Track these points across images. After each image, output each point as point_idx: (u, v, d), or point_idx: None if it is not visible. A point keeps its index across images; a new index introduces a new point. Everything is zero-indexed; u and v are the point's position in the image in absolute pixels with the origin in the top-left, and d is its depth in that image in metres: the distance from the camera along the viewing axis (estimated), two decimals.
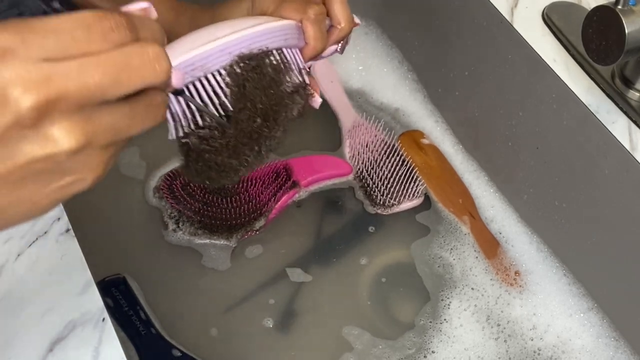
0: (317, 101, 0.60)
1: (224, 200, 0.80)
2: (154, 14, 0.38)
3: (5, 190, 0.34)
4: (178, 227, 0.81)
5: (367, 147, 0.89)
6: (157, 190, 0.83)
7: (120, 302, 0.75)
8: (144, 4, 0.37)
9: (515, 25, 0.79)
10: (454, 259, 0.84)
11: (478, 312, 0.80)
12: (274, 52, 0.55)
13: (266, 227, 0.83)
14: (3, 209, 0.35)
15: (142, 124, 0.36)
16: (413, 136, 0.93)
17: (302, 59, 0.58)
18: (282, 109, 0.58)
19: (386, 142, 0.90)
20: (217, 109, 0.53)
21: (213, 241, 0.82)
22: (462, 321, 0.79)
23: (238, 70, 0.53)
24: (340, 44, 0.63)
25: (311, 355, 0.77)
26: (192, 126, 0.53)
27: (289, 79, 0.56)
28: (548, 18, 0.80)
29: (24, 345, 0.53)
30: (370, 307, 0.80)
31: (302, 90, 0.57)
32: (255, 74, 0.53)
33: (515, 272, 0.83)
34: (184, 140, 0.55)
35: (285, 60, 0.56)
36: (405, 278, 0.82)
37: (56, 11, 0.34)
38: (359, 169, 0.88)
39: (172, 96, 0.51)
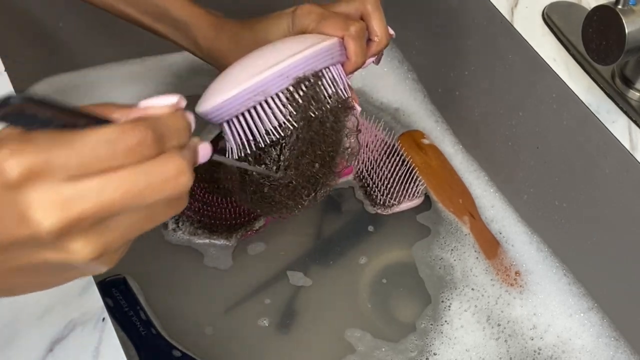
0: (357, 109, 0.63)
1: (224, 199, 0.80)
2: (183, 103, 0.37)
3: (16, 277, 0.36)
4: (178, 226, 0.81)
5: (367, 147, 0.89)
6: None
7: (121, 302, 0.75)
8: (173, 99, 0.37)
9: (516, 25, 0.79)
10: (454, 260, 0.84)
11: (478, 313, 0.80)
12: (324, 71, 0.58)
13: (266, 227, 0.83)
14: (12, 289, 0.38)
15: (160, 221, 0.37)
16: (413, 136, 0.93)
17: (344, 74, 0.61)
18: (338, 141, 0.62)
19: (386, 142, 0.90)
20: (276, 131, 0.57)
21: (213, 241, 0.82)
22: (463, 322, 0.79)
23: (297, 97, 0.56)
24: (377, 56, 0.66)
25: (313, 356, 0.77)
26: (253, 148, 0.57)
27: (340, 105, 0.60)
28: (548, 18, 0.80)
29: (24, 345, 0.53)
30: (371, 309, 0.80)
31: (347, 104, 0.61)
32: (314, 103, 0.58)
33: (516, 272, 0.83)
34: (241, 162, 0.58)
35: (333, 79, 0.59)
36: (406, 279, 0.82)
37: (83, 124, 0.34)
38: (359, 168, 0.88)
39: (238, 115, 0.56)
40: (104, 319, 0.55)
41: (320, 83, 0.58)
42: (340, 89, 0.60)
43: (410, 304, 0.81)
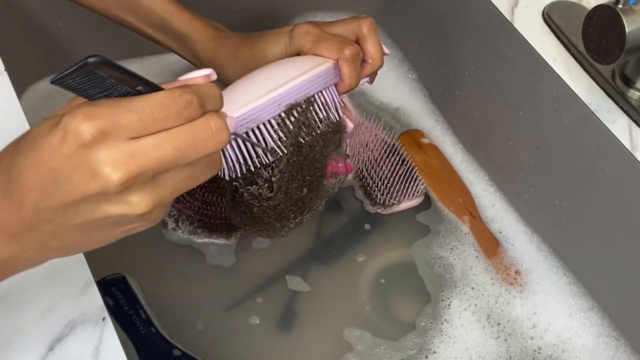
0: (349, 127, 0.65)
1: (224, 199, 0.80)
2: (214, 76, 0.43)
3: (79, 233, 0.41)
4: (177, 225, 0.81)
5: (367, 146, 0.89)
6: None
7: (120, 301, 0.75)
8: (207, 71, 0.43)
9: (516, 25, 0.79)
10: (454, 259, 0.84)
11: (478, 312, 0.80)
12: (317, 95, 0.60)
13: None
14: (74, 245, 0.43)
15: (200, 180, 0.42)
16: (413, 135, 0.93)
17: (337, 94, 0.62)
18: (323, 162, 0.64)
19: (386, 142, 0.90)
20: (266, 155, 0.58)
21: (212, 240, 0.82)
22: (463, 321, 0.79)
23: (289, 123, 0.58)
24: (370, 77, 0.68)
25: (313, 355, 0.77)
26: (243, 170, 0.59)
27: (330, 128, 0.62)
28: (548, 17, 0.80)
29: (24, 344, 0.53)
30: (371, 307, 0.80)
31: (338, 127, 0.63)
32: (304, 128, 0.59)
33: (516, 272, 0.83)
34: (234, 184, 0.61)
35: (325, 103, 0.61)
36: (406, 278, 0.82)
37: (140, 92, 0.39)
38: (358, 168, 0.88)
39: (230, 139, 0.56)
40: (104, 318, 0.55)
41: (311, 108, 0.60)
42: (332, 113, 0.62)
43: (410, 302, 0.81)
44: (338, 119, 0.62)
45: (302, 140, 0.59)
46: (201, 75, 0.43)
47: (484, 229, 0.86)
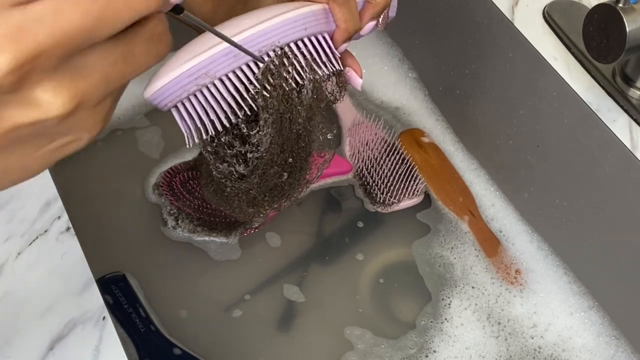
0: (357, 82, 0.55)
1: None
2: None
3: None
4: (177, 224, 0.81)
5: (367, 145, 0.89)
6: (157, 187, 0.83)
7: (120, 299, 0.75)
8: None
9: (516, 24, 0.79)
10: (454, 258, 0.84)
11: (479, 311, 0.80)
12: (293, 46, 0.49)
13: (265, 225, 0.83)
14: None
15: (142, 64, 0.31)
16: (413, 134, 0.93)
17: (332, 44, 0.52)
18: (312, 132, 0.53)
19: (386, 141, 0.90)
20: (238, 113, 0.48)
21: (212, 238, 0.82)
22: (463, 320, 0.79)
23: (256, 81, 0.47)
24: (379, 20, 0.56)
25: (314, 354, 0.77)
26: (210, 134, 0.49)
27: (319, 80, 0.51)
28: (549, 16, 0.80)
29: (24, 343, 0.53)
30: (371, 306, 0.80)
31: (337, 78, 0.53)
32: (277, 89, 0.48)
33: (516, 271, 0.83)
34: (204, 152, 0.51)
35: (312, 56, 0.50)
36: (406, 277, 0.82)
37: None
38: (359, 167, 0.88)
39: (184, 100, 0.47)
40: (104, 317, 0.55)
41: (286, 63, 0.48)
42: (325, 68, 0.51)
43: (410, 301, 0.81)
44: (332, 70, 0.51)
45: (277, 105, 0.48)
46: None
47: (484, 228, 0.86)
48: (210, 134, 0.48)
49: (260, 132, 0.49)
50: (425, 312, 0.80)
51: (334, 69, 0.52)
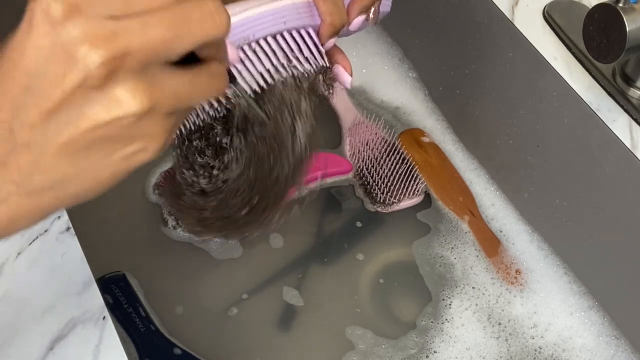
0: (346, 79, 0.52)
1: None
2: None
3: (67, 160, 0.33)
4: (178, 224, 0.81)
5: (367, 145, 0.89)
6: (157, 187, 0.83)
7: (120, 299, 0.75)
8: None
9: (516, 24, 0.79)
10: (454, 258, 0.84)
11: (479, 311, 0.80)
12: (273, 41, 0.47)
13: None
14: (63, 182, 0.34)
15: (203, 93, 0.35)
16: (413, 134, 0.93)
17: (317, 40, 0.49)
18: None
19: (386, 140, 0.90)
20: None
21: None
22: (464, 320, 0.79)
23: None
24: (369, 14, 0.53)
25: (315, 354, 0.77)
26: (184, 132, 0.47)
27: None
28: (549, 16, 0.80)
29: (24, 343, 0.53)
30: (372, 306, 0.80)
31: (324, 75, 0.50)
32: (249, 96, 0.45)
33: (516, 271, 0.83)
34: (172, 153, 0.50)
35: (291, 48, 0.47)
36: (407, 277, 0.82)
37: None
38: (359, 167, 0.88)
39: None
40: (104, 317, 0.55)
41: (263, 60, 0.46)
42: (307, 65, 0.48)
43: (410, 302, 0.81)
44: (322, 65, 0.49)
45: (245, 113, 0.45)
46: None
47: (485, 227, 0.86)
48: (184, 132, 0.47)
49: (231, 156, 0.47)
50: (426, 313, 0.80)
51: (319, 66, 0.49)
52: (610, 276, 0.79)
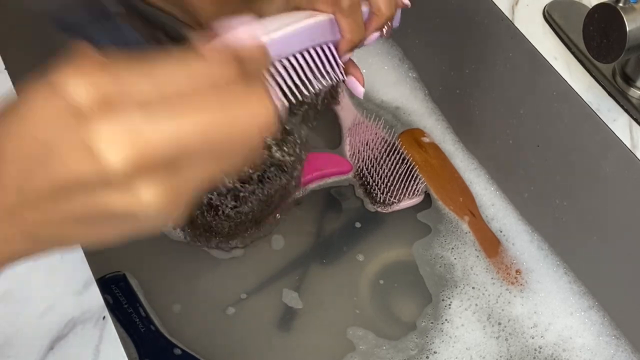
0: (359, 91, 0.55)
1: None
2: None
3: (74, 227, 0.32)
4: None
5: (367, 145, 0.89)
6: None
7: (120, 299, 0.75)
8: (255, 29, 0.33)
9: (516, 23, 0.79)
10: (454, 258, 0.84)
11: (479, 312, 0.80)
12: (301, 56, 0.49)
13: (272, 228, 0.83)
14: (69, 237, 0.33)
15: (231, 171, 0.33)
16: (413, 134, 0.93)
17: (336, 54, 0.52)
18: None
19: (386, 140, 0.90)
20: None
21: None
22: (464, 321, 0.79)
23: None
24: (383, 30, 0.57)
25: (315, 354, 0.77)
26: None
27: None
28: (549, 16, 0.80)
29: (24, 343, 0.53)
30: (372, 307, 0.80)
31: (334, 87, 0.53)
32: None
33: (516, 271, 0.83)
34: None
35: (316, 62, 0.50)
36: (407, 277, 0.82)
37: (158, 41, 0.30)
38: (359, 167, 0.88)
39: None
40: (104, 317, 0.55)
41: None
42: (327, 78, 0.51)
43: (410, 302, 0.81)
44: (340, 78, 0.52)
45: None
46: (248, 34, 0.32)
47: (485, 228, 0.86)
48: None
49: (244, 196, 0.49)
50: (426, 313, 0.79)
51: (337, 79, 0.51)
52: (610, 276, 0.78)
